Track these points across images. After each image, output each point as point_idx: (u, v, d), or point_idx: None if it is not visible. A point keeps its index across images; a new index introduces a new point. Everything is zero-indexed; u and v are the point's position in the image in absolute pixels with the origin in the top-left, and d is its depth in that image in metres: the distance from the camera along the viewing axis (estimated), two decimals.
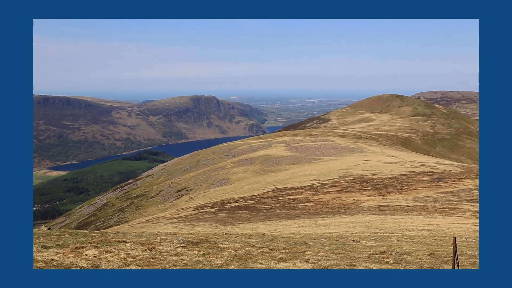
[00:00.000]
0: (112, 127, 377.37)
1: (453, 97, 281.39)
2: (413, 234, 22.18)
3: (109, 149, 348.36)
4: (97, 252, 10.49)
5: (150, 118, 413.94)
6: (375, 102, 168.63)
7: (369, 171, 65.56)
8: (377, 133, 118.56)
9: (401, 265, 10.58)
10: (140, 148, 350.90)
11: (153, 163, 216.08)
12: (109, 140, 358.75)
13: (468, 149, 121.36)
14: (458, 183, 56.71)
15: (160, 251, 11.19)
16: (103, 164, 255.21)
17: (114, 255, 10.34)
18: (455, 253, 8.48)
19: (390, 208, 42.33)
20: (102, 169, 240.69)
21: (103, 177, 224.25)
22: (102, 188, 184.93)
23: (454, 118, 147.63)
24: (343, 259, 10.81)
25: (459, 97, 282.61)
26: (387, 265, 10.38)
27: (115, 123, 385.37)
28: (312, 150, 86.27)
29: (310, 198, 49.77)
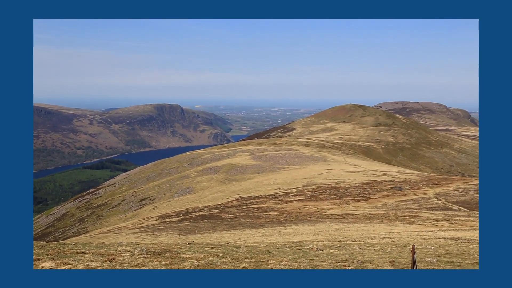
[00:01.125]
0: (72, 135, 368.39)
1: (413, 108, 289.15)
2: (375, 242, 22.49)
3: (70, 158, 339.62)
4: (54, 264, 10.11)
5: (113, 126, 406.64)
6: (338, 112, 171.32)
7: (333, 180, 66.33)
8: (340, 142, 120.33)
9: None
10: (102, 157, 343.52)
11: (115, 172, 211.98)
12: (69, 149, 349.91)
13: (427, 159, 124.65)
14: (418, 191, 58.08)
15: (120, 262, 10.91)
16: (63, 173, 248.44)
17: (72, 267, 10.01)
18: (413, 260, 8.63)
19: (353, 216, 42.86)
20: (61, 178, 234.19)
21: (62, 187, 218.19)
22: (62, 198, 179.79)
23: (414, 128, 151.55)
24: (306, 268, 10.82)
25: (418, 107, 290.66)
26: None
27: (76, 131, 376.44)
28: (277, 159, 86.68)
29: (274, 207, 49.86)
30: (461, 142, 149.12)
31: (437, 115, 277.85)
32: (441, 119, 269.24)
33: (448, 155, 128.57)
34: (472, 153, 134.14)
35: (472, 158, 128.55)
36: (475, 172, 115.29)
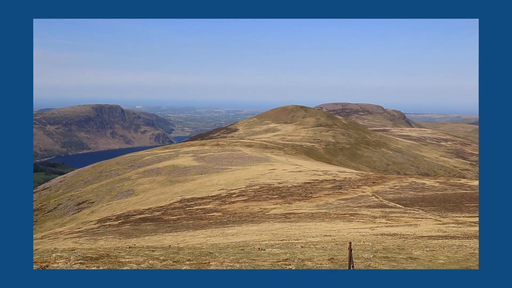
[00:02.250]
0: None
1: (352, 109, 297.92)
2: (316, 240, 22.90)
3: None
4: None
5: (48, 127, 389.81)
6: (280, 112, 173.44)
7: (275, 180, 67.02)
8: (283, 142, 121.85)
9: None
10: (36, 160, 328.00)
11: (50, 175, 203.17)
12: None
13: (366, 158, 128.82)
14: (357, 190, 59.86)
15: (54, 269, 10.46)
16: None
17: None
18: (350, 257, 8.88)
19: (295, 215, 43.49)
20: None
21: None
22: None
23: (353, 129, 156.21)
24: (247, 268, 10.85)
25: (357, 108, 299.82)
26: None
27: None
28: (220, 160, 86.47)
29: (217, 208, 49.68)
30: (397, 142, 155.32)
31: (374, 116, 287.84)
32: (378, 119, 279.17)
33: (385, 155, 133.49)
34: (407, 152, 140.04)
35: (407, 157, 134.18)
36: (410, 171, 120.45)
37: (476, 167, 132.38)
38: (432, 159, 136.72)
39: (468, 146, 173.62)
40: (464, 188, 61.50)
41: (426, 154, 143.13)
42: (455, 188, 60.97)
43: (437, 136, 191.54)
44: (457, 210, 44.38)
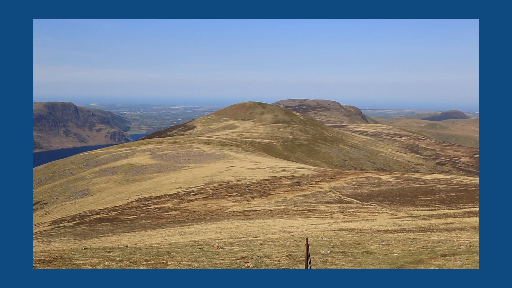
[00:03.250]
0: None
1: (310, 105, 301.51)
2: (275, 237, 23.00)
3: None
4: None
5: None
6: (238, 109, 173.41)
7: (234, 177, 66.97)
8: (241, 139, 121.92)
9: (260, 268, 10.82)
10: None
11: None
12: None
13: (323, 154, 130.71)
14: (315, 186, 60.63)
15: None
16: None
17: None
18: (307, 253, 8.94)
19: (254, 212, 43.59)
20: None
21: None
22: None
23: (311, 125, 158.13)
24: (205, 266, 10.73)
25: (314, 105, 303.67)
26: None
27: None
28: (178, 157, 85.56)
29: (176, 206, 49.16)
30: (353, 138, 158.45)
31: (331, 112, 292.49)
32: (335, 116, 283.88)
33: (342, 150, 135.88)
34: (363, 148, 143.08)
35: (363, 153, 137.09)
36: (366, 166, 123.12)
37: (429, 161, 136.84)
38: (387, 154, 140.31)
39: (422, 141, 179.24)
40: (418, 182, 63.40)
41: (381, 150, 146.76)
42: (410, 183, 62.78)
43: (392, 132, 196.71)
44: (411, 204, 45.68)
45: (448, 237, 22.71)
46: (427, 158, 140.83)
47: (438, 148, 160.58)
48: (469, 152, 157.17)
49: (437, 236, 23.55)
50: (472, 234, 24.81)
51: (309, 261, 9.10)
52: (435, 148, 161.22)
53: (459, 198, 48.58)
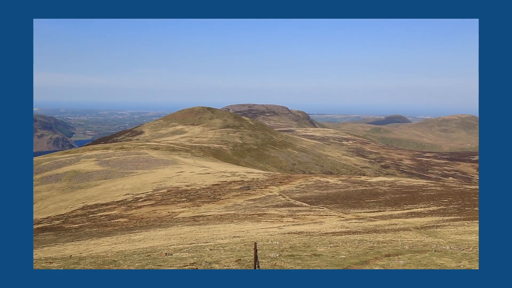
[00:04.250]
0: None
1: (259, 110, 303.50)
2: (225, 242, 22.91)
3: None
4: None
5: None
6: (187, 114, 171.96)
7: (183, 182, 66.25)
8: (190, 144, 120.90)
9: None
10: None
11: None
12: None
13: (273, 158, 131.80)
14: (265, 190, 60.98)
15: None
16: None
17: None
18: (255, 257, 8.94)
19: (204, 218, 43.27)
20: None
21: None
22: None
23: (260, 130, 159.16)
24: None
25: (263, 110, 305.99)
26: None
27: None
28: (125, 163, 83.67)
29: (123, 214, 47.99)
30: (301, 142, 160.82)
31: (280, 117, 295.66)
32: (284, 120, 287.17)
33: (291, 154, 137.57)
34: (311, 152, 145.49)
35: (311, 157, 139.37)
36: (314, 169, 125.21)
37: (374, 164, 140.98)
38: (335, 158, 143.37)
39: (367, 144, 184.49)
40: (364, 185, 65.13)
41: (329, 153, 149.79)
42: (356, 185, 64.38)
43: (339, 136, 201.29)
44: (358, 206, 46.84)
45: (392, 238, 23.43)
46: (373, 161, 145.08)
47: (383, 152, 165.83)
48: (411, 155, 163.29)
49: (382, 237, 24.25)
50: (415, 234, 25.73)
51: (258, 265, 9.11)
52: (379, 151, 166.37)
53: (403, 199, 50.30)
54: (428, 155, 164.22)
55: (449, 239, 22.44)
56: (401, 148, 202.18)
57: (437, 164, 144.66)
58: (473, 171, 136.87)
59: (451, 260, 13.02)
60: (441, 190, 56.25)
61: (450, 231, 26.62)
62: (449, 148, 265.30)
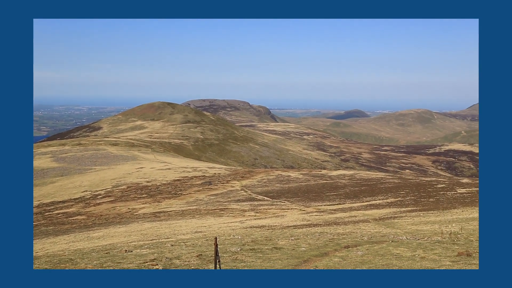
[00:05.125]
0: None
1: (220, 105, 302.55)
2: (187, 237, 22.78)
3: None
4: None
5: None
6: (147, 109, 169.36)
7: (144, 178, 65.35)
8: (150, 140, 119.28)
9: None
10: None
11: None
12: None
13: (234, 153, 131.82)
14: (226, 185, 60.94)
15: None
16: None
17: None
18: (216, 252, 8.93)
19: (165, 213, 42.86)
20: None
21: None
22: None
23: (221, 125, 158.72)
24: None
25: (224, 105, 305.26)
26: None
27: None
28: (82, 160, 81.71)
29: (81, 211, 46.91)
30: (263, 137, 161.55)
31: (241, 112, 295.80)
32: (245, 115, 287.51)
33: (252, 149, 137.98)
34: (273, 147, 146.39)
35: (273, 151, 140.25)
36: (276, 164, 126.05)
37: (334, 158, 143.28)
38: (296, 152, 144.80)
39: (328, 139, 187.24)
40: (324, 178, 66.10)
41: (290, 148, 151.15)
42: (317, 179, 65.28)
43: (300, 130, 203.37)
44: (319, 199, 47.53)
45: (352, 230, 23.91)
46: (333, 155, 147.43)
47: (343, 146, 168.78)
48: (370, 148, 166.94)
49: (342, 229, 24.72)
50: (374, 226, 26.36)
51: (218, 260, 9.09)
52: (339, 145, 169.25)
53: (362, 192, 51.39)
54: (386, 149, 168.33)
55: (405, 229, 23.10)
56: (360, 142, 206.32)
57: (394, 157, 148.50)
58: (428, 164, 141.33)
59: (406, 249, 13.40)
60: (398, 183, 57.81)
61: (406, 222, 27.42)
62: (406, 142, 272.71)
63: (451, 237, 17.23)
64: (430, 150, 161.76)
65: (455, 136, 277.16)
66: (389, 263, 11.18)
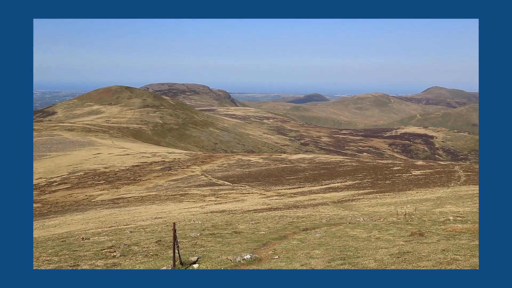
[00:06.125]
0: None
1: (179, 89, 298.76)
2: (146, 224, 22.58)
3: None
4: None
5: None
6: (104, 94, 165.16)
7: (101, 164, 64.09)
8: (108, 125, 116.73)
9: (127, 257, 10.50)
10: None
11: None
12: None
13: (194, 138, 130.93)
14: (187, 170, 60.60)
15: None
16: None
17: None
18: (174, 237, 8.89)
19: (124, 200, 42.30)
20: None
21: None
22: None
23: (181, 109, 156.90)
24: (67, 260, 10.10)
25: (184, 89, 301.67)
26: (113, 259, 10.15)
27: None
28: (36, 146, 79.18)
29: (36, 199, 45.61)
30: (223, 121, 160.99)
31: (201, 96, 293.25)
32: (205, 99, 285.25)
33: (212, 134, 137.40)
34: (233, 131, 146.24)
35: (233, 136, 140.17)
36: (236, 148, 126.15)
37: (294, 142, 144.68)
38: (256, 137, 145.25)
39: (287, 123, 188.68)
40: (284, 162, 66.75)
41: (250, 132, 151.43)
42: (277, 163, 65.84)
43: (260, 115, 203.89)
44: (279, 183, 48.01)
45: (311, 212, 24.32)
46: (293, 139, 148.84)
47: (302, 130, 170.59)
48: (329, 132, 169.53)
49: (302, 212, 25.10)
50: (332, 208, 26.89)
51: (177, 245, 9.05)
52: (299, 129, 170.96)
53: (321, 175, 52.26)
54: (345, 132, 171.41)
55: (363, 211, 23.70)
56: (319, 126, 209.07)
57: (352, 140, 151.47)
58: (385, 147, 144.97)
59: (363, 230, 13.75)
60: (356, 166, 59.10)
61: (364, 204, 28.13)
62: (363, 125, 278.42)
63: (406, 218, 17.80)
64: (387, 133, 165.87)
65: (410, 119, 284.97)
66: (345, 244, 11.45)
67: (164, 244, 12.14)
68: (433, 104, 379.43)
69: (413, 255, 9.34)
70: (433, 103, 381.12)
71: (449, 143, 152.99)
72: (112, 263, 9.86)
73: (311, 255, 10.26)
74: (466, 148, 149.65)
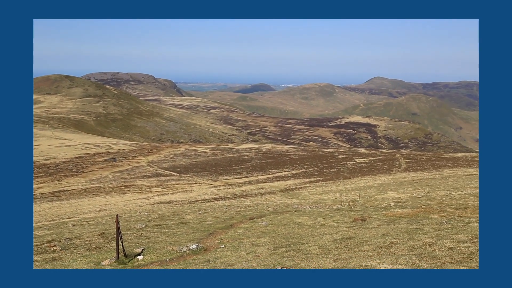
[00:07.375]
0: None
1: (123, 78, 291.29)
2: (90, 216, 22.01)
3: None
4: None
5: None
6: (42, 83, 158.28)
7: (41, 156, 61.68)
8: (47, 115, 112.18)
9: (68, 251, 10.20)
10: None
11: None
12: None
13: (139, 128, 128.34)
14: (132, 161, 59.44)
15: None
16: None
17: None
18: (118, 229, 8.72)
19: (66, 192, 41.01)
20: None
21: None
22: None
23: (125, 99, 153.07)
24: None
25: (128, 78, 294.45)
26: (53, 254, 9.83)
27: None
28: None
29: None
30: (169, 111, 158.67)
31: (146, 86, 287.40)
32: (150, 89, 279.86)
33: (158, 124, 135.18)
34: (179, 121, 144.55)
35: (179, 126, 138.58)
36: (183, 139, 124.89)
37: (241, 132, 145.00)
38: (203, 127, 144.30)
39: (234, 113, 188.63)
40: (232, 152, 66.84)
41: (197, 122, 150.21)
42: (224, 153, 65.82)
43: (207, 104, 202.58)
44: (226, 173, 48.05)
45: (258, 201, 24.54)
46: (240, 129, 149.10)
47: (249, 119, 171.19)
48: (275, 122, 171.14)
49: (250, 201, 25.28)
50: (279, 197, 27.25)
51: (121, 237, 8.88)
52: (246, 119, 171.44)
53: (268, 164, 52.78)
54: (291, 122, 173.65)
55: (309, 199, 24.18)
56: (266, 116, 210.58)
57: (299, 130, 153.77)
58: (330, 136, 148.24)
59: (308, 218, 14.04)
60: (302, 155, 60.12)
61: (310, 192, 28.71)
62: (309, 115, 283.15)
63: (350, 204, 18.32)
64: (332, 122, 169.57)
65: (354, 109, 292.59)
66: (291, 232, 11.64)
67: (108, 237, 11.87)
68: (376, 94, 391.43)
69: (355, 240, 9.65)
70: (376, 93, 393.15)
71: (390, 131, 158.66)
72: (52, 258, 9.54)
73: (257, 243, 10.36)
74: (406, 136, 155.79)
